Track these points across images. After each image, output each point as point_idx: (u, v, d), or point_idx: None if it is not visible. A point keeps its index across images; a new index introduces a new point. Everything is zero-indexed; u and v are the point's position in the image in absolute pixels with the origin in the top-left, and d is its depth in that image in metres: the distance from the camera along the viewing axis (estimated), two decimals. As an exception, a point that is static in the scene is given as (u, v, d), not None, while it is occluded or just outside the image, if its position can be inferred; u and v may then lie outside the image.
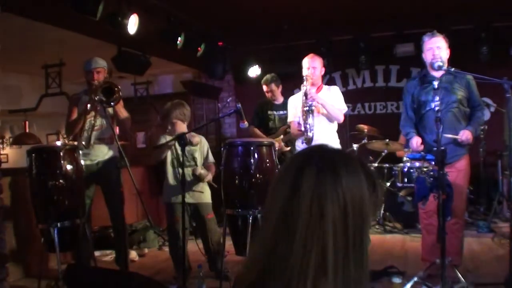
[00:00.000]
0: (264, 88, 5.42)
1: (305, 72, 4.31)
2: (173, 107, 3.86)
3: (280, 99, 5.40)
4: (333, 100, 4.33)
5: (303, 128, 4.09)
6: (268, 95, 5.41)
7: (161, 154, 3.80)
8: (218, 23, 6.15)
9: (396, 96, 6.75)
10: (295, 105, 4.39)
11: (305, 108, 4.11)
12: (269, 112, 5.42)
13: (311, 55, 4.39)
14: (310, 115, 4.11)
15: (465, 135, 3.38)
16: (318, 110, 4.20)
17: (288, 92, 5.25)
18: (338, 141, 4.40)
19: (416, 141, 3.53)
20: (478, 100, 3.57)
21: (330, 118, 4.26)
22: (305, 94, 4.14)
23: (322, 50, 6.65)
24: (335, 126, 4.36)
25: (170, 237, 3.92)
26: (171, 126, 3.83)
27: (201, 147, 3.93)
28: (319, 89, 4.36)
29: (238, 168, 3.43)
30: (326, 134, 4.22)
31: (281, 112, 5.29)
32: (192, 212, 3.87)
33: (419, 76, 3.70)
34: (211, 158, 3.96)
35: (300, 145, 4.31)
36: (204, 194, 3.88)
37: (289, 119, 4.52)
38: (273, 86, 5.37)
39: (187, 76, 8.11)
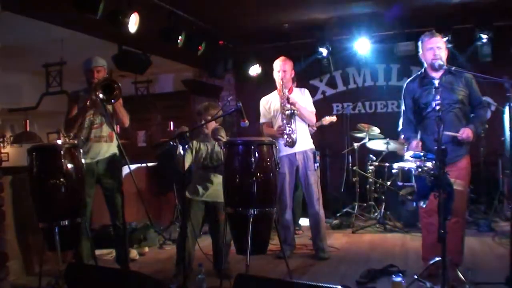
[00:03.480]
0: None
1: (276, 74, 4.57)
2: (209, 106, 4.05)
3: None
4: (305, 102, 4.59)
5: (287, 130, 4.35)
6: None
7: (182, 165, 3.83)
8: (219, 22, 6.15)
9: (397, 95, 6.71)
10: (266, 107, 4.66)
11: (287, 112, 4.35)
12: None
13: (282, 58, 4.61)
14: (293, 119, 4.37)
15: (465, 133, 3.37)
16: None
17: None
18: (311, 139, 4.66)
19: (416, 143, 3.51)
20: (479, 98, 3.54)
21: (304, 121, 4.57)
22: (287, 99, 4.38)
23: (322, 49, 6.66)
24: (307, 126, 4.66)
25: (180, 232, 3.93)
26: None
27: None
28: (290, 91, 4.54)
29: (239, 167, 3.43)
30: (304, 135, 4.53)
31: None
32: (208, 210, 3.92)
33: (418, 77, 3.67)
34: None
35: (282, 148, 4.44)
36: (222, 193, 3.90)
37: (261, 121, 4.73)
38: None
39: (188, 75, 8.11)
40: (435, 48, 3.48)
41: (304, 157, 4.48)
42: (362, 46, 6.61)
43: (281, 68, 4.51)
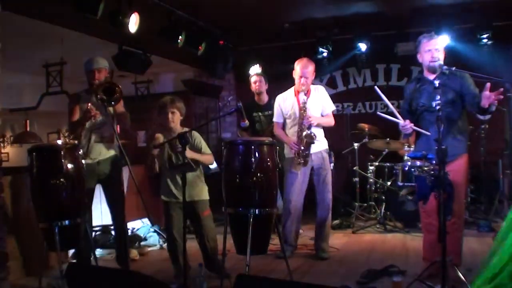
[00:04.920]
0: (253, 78, 5.41)
1: (296, 78, 4.42)
2: (175, 99, 3.84)
3: (265, 99, 5.40)
4: (323, 102, 4.52)
5: (302, 153, 4.27)
6: (255, 86, 5.38)
7: (154, 166, 3.77)
8: (219, 22, 6.15)
9: (397, 95, 6.71)
10: (282, 106, 4.55)
11: (305, 139, 4.25)
12: (254, 114, 5.41)
13: (304, 62, 4.41)
14: (311, 145, 4.28)
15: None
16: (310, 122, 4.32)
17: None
18: (325, 140, 4.60)
19: (404, 123, 3.46)
20: (474, 91, 3.43)
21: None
22: (309, 126, 4.25)
23: (322, 49, 6.66)
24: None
25: (167, 235, 3.93)
26: (171, 115, 3.77)
27: (192, 144, 3.83)
28: (308, 93, 4.43)
29: (239, 167, 3.42)
30: (319, 136, 4.45)
31: (267, 113, 5.30)
32: (187, 210, 3.82)
33: (416, 78, 3.69)
34: (206, 150, 3.88)
35: (289, 155, 4.43)
36: (201, 192, 3.87)
37: (274, 119, 4.64)
38: (262, 78, 5.41)
39: (188, 75, 8.11)
40: (433, 51, 3.48)
41: (320, 157, 4.46)
42: (362, 46, 6.61)
43: (303, 74, 4.35)
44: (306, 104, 4.31)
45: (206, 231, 3.80)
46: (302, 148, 4.28)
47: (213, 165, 4.43)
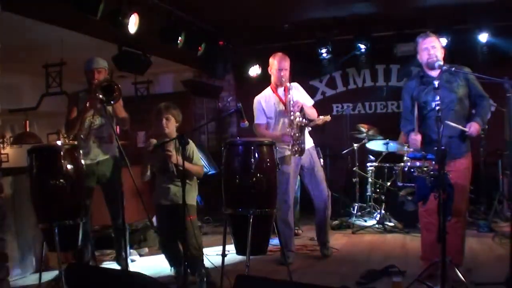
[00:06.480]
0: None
1: (275, 72, 4.37)
2: (171, 105, 3.82)
3: None
4: (303, 98, 4.46)
5: (297, 140, 4.15)
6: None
7: (145, 173, 3.74)
8: (219, 22, 6.15)
9: (397, 95, 6.76)
10: (265, 107, 4.45)
11: (298, 122, 4.16)
12: None
13: (280, 55, 4.37)
14: (305, 129, 4.21)
15: (472, 127, 3.38)
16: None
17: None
18: (310, 137, 4.53)
19: (414, 135, 3.51)
20: (480, 92, 3.55)
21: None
22: (301, 109, 4.17)
23: (323, 49, 6.66)
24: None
25: (160, 238, 3.90)
26: (165, 121, 3.75)
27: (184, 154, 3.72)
28: (286, 89, 4.38)
29: (239, 168, 3.42)
30: (306, 133, 4.37)
31: None
32: (174, 213, 3.72)
33: (417, 76, 3.69)
34: (198, 162, 3.80)
35: (284, 151, 4.28)
36: (187, 196, 3.79)
37: (256, 121, 4.50)
38: None
39: (188, 75, 8.11)
40: (430, 48, 3.53)
41: (308, 155, 4.39)
42: (362, 46, 6.61)
43: (282, 67, 4.32)
44: (291, 93, 4.25)
45: (190, 237, 3.57)
46: (297, 134, 4.17)
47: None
